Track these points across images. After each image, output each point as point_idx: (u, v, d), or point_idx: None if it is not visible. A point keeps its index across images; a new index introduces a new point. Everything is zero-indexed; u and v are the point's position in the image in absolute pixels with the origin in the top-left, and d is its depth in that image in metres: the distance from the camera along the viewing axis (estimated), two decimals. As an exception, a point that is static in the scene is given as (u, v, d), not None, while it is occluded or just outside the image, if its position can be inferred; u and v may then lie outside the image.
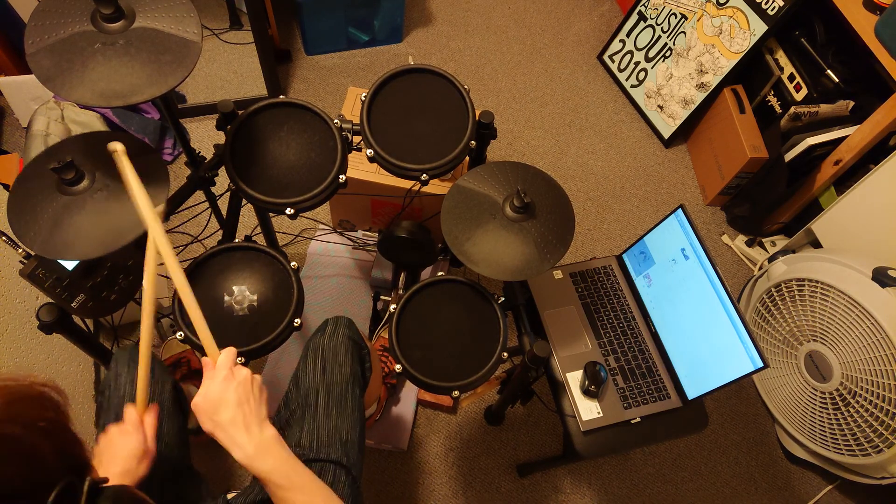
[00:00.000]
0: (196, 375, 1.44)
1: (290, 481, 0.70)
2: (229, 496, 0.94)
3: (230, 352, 0.75)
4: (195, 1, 0.89)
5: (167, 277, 1.42)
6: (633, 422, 1.16)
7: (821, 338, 1.42)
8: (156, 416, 0.80)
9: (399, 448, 1.48)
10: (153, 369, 0.97)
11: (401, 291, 1.45)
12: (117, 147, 0.78)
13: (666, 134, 2.12)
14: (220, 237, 1.27)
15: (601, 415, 1.15)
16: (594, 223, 1.96)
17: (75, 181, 0.85)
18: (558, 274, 1.32)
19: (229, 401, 0.70)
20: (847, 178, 1.70)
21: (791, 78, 1.79)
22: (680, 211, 1.18)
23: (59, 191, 0.86)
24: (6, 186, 1.28)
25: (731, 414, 1.69)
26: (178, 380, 1.09)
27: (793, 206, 1.84)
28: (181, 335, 0.97)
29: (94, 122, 1.68)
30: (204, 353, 0.78)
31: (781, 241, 1.90)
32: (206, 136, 1.90)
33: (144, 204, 0.76)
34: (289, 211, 1.02)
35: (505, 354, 1.05)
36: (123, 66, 0.82)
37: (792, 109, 1.74)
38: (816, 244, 1.72)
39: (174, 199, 1.07)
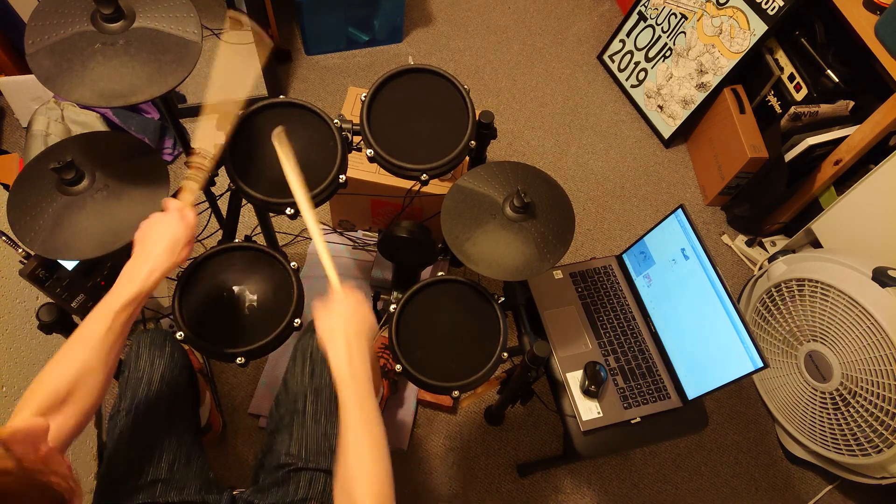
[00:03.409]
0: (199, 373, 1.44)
1: (359, 411, 0.73)
2: (235, 492, 0.94)
3: (361, 292, 0.81)
4: (195, 1, 0.89)
5: (168, 278, 1.42)
6: (633, 422, 1.16)
7: (821, 338, 1.42)
8: (195, 213, 0.84)
9: (399, 448, 1.48)
10: (173, 350, 0.98)
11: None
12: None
13: (666, 134, 2.12)
14: (220, 237, 1.27)
15: (601, 415, 1.15)
16: (594, 223, 1.96)
17: (75, 181, 0.85)
18: (558, 274, 1.32)
19: (351, 328, 0.77)
20: (847, 178, 1.70)
21: (791, 78, 1.79)
22: (680, 211, 1.18)
23: (59, 191, 0.86)
24: (6, 186, 1.28)
25: (731, 414, 1.69)
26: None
27: (793, 206, 1.84)
28: (181, 335, 0.97)
29: (94, 122, 1.68)
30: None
31: (781, 241, 1.90)
32: (206, 137, 1.90)
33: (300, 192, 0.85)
34: (289, 211, 1.02)
35: (505, 354, 1.05)
36: (123, 66, 0.82)
37: (792, 109, 1.74)
38: (816, 244, 1.72)
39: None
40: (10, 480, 0.38)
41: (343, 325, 0.76)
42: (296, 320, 1.01)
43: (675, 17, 2.00)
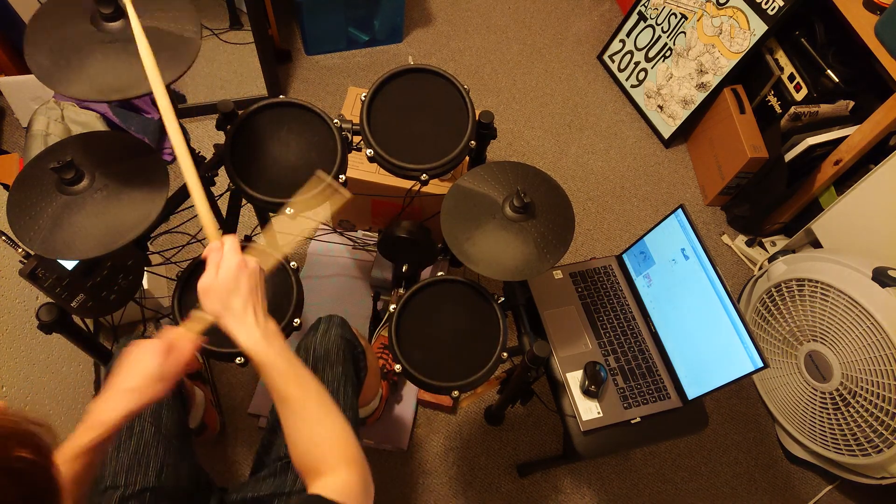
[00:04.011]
0: (199, 378, 1.44)
1: (289, 369, 0.71)
2: (225, 493, 0.94)
3: (235, 238, 0.75)
4: (195, 1, 0.89)
5: (166, 277, 1.42)
6: (633, 422, 1.16)
7: (821, 338, 1.42)
8: (194, 346, 0.75)
9: (399, 448, 1.48)
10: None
11: (401, 291, 1.45)
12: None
13: (666, 134, 2.12)
14: (220, 237, 1.27)
15: (601, 415, 1.15)
16: (594, 223, 1.96)
17: (75, 181, 0.85)
18: (558, 274, 1.32)
19: (242, 288, 0.71)
20: (847, 178, 1.70)
21: (791, 78, 1.79)
22: (680, 211, 1.18)
23: (59, 191, 0.86)
24: (6, 186, 1.28)
25: (731, 414, 1.69)
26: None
27: (793, 206, 1.84)
28: (181, 335, 0.97)
29: (93, 122, 1.68)
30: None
31: (781, 241, 1.90)
32: (206, 136, 1.90)
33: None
34: (289, 211, 1.02)
35: (505, 354, 1.05)
36: (122, 63, 0.83)
37: (792, 109, 1.74)
38: (816, 244, 1.72)
39: (174, 199, 1.07)
40: None
41: (232, 286, 0.70)
42: (296, 320, 1.02)
43: (675, 17, 2.00)
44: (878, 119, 1.53)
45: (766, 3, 1.73)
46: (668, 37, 2.04)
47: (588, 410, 1.15)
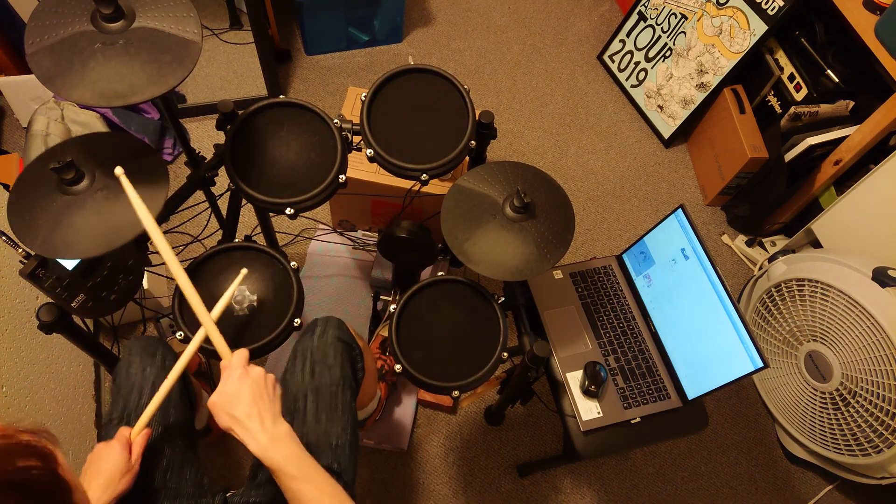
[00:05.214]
0: (201, 375, 1.44)
1: (301, 472, 0.74)
2: (228, 494, 0.94)
3: (243, 352, 0.80)
4: (195, 1, 0.89)
5: (168, 277, 1.42)
6: (633, 422, 1.16)
7: (821, 338, 1.42)
8: (146, 438, 0.84)
9: (399, 448, 1.48)
10: (164, 359, 0.98)
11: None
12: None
13: (666, 134, 2.12)
14: (220, 237, 1.27)
15: (601, 415, 1.15)
16: (594, 223, 1.96)
17: (75, 181, 0.85)
18: (558, 274, 1.32)
19: (244, 396, 0.75)
20: (847, 178, 1.70)
21: (791, 78, 1.79)
22: (680, 211, 1.18)
23: (59, 191, 0.86)
24: (6, 186, 1.28)
25: (731, 414, 1.69)
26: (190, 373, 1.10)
27: (793, 206, 1.84)
28: (181, 335, 0.97)
29: (94, 122, 1.68)
30: (214, 357, 0.79)
31: (781, 241, 1.90)
32: (206, 136, 1.90)
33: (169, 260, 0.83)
34: (289, 211, 1.02)
35: (505, 354, 1.05)
36: (123, 66, 0.82)
37: (792, 109, 1.74)
38: (816, 244, 1.72)
39: (174, 199, 1.07)
40: None
41: (234, 398, 0.75)
42: (296, 320, 1.01)
43: (675, 17, 2.00)
44: (878, 119, 1.53)
45: (766, 3, 1.73)
46: (668, 37, 2.04)
47: (588, 410, 1.15)
